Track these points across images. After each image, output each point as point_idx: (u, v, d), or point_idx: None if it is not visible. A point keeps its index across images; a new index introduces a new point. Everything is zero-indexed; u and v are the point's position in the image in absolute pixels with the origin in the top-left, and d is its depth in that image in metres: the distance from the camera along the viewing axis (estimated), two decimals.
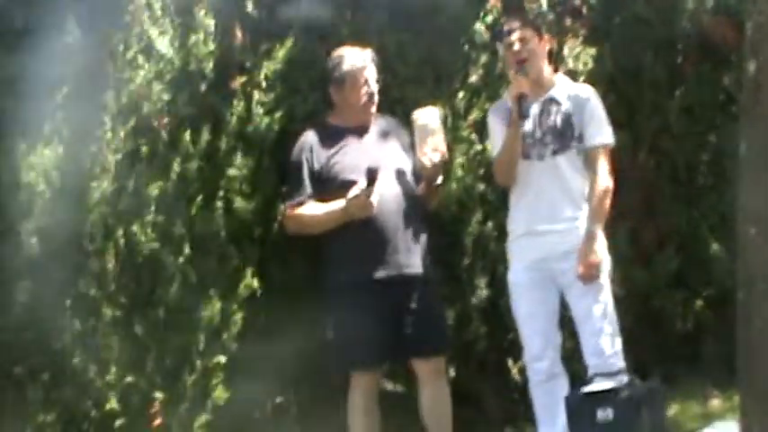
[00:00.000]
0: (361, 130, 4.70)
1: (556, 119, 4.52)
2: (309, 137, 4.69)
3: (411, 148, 4.69)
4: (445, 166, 4.71)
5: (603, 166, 4.48)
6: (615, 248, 4.99)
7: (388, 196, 4.56)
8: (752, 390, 3.10)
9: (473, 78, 5.20)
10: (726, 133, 5.19)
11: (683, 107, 5.45)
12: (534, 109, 4.52)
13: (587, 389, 4.31)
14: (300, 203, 4.61)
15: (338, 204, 4.52)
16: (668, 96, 5.45)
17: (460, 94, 5.16)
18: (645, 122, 5.30)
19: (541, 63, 4.58)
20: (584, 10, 5.40)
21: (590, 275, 4.36)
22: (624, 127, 5.09)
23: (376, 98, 4.68)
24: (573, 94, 4.57)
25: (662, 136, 5.38)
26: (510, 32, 4.57)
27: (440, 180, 4.71)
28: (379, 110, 4.79)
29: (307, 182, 4.62)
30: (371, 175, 4.45)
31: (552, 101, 4.54)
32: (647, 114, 5.33)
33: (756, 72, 3.08)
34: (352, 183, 4.51)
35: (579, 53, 5.30)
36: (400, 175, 4.63)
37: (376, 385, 4.66)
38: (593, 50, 5.33)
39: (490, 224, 5.09)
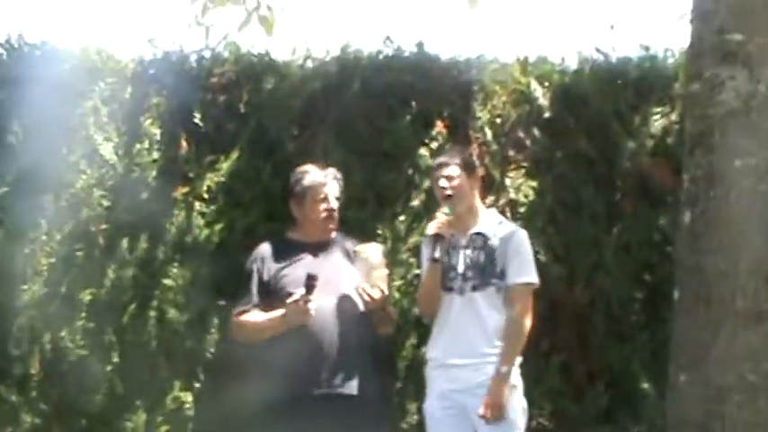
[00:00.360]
0: (319, 246, 4.68)
1: (480, 254, 4.54)
2: (263, 248, 4.67)
3: None
4: (385, 302, 4.63)
5: (523, 305, 4.48)
6: (547, 381, 5.00)
7: (327, 312, 4.53)
8: None
9: (415, 203, 5.20)
10: (660, 272, 5.24)
11: (619, 244, 5.42)
12: (462, 242, 4.55)
13: None
14: (245, 311, 4.57)
15: (278, 312, 4.50)
16: (606, 232, 5.43)
17: (401, 218, 5.17)
18: (582, 257, 5.28)
19: (469, 199, 4.59)
20: (528, 143, 5.43)
21: (492, 416, 4.34)
22: (561, 260, 5.13)
23: (336, 215, 4.68)
24: (500, 230, 4.58)
25: (598, 271, 5.35)
26: (439, 167, 4.63)
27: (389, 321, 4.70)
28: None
29: (254, 291, 4.58)
30: (310, 282, 4.42)
31: (479, 235, 4.56)
32: (584, 249, 5.31)
33: (691, 223, 3.15)
34: None
35: (521, 185, 5.31)
36: (346, 296, 4.59)
37: None
38: (534, 183, 5.34)
39: (424, 350, 5.03)
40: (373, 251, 4.65)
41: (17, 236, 4.59)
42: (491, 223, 4.60)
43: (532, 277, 4.53)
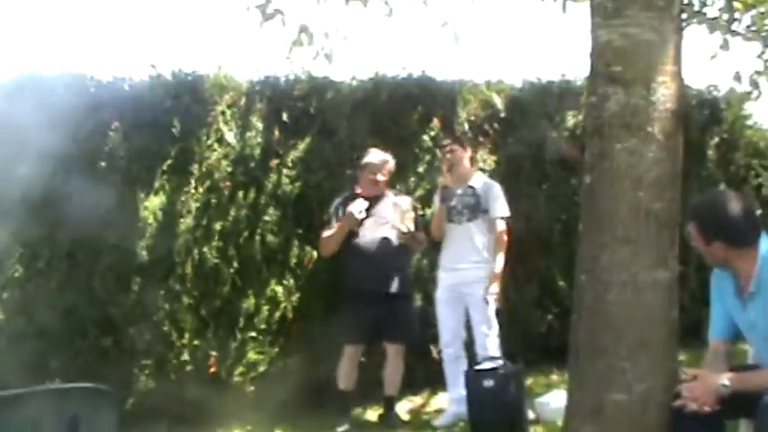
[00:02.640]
0: (375, 198, 4.58)
1: (471, 199, 4.54)
2: (338, 199, 4.62)
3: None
4: (414, 232, 4.52)
5: (502, 230, 4.49)
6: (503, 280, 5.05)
7: (378, 236, 4.46)
8: (576, 372, 3.01)
9: (420, 169, 5.21)
10: (574, 215, 5.20)
11: (547, 197, 5.44)
12: (458, 192, 4.57)
13: (477, 367, 4.32)
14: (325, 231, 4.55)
15: (340, 224, 4.48)
16: (538, 188, 5.46)
17: (411, 179, 5.17)
18: (521, 206, 5.09)
19: (464, 164, 4.62)
20: (491, 132, 5.42)
21: (492, 297, 4.41)
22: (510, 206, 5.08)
23: (380, 180, 4.57)
24: (483, 183, 4.60)
25: (535, 216, 5.32)
26: (444, 146, 4.69)
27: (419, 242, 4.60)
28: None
29: (333, 221, 4.54)
30: (362, 200, 4.43)
31: (470, 188, 4.58)
32: (523, 200, 5.21)
33: (590, 183, 3.12)
34: None
35: (486, 159, 5.34)
36: (389, 227, 4.51)
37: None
38: (494, 157, 5.37)
39: (425, 261, 5.04)
40: (404, 202, 4.64)
41: None
42: (478, 180, 4.64)
43: (506, 211, 4.56)
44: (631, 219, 2.90)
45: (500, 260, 4.46)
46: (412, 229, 4.52)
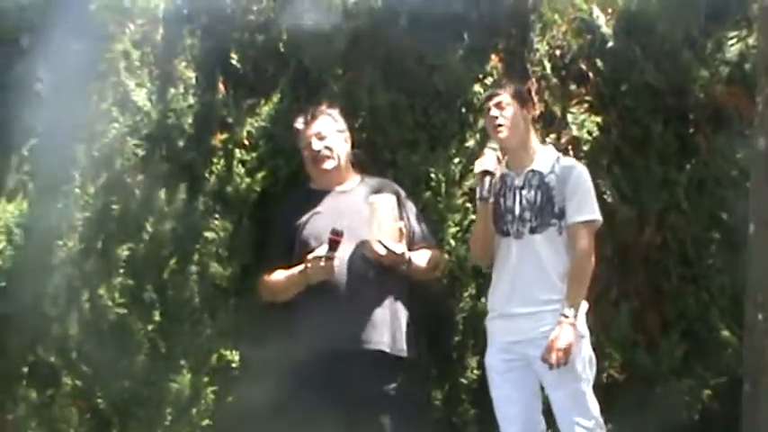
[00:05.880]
0: (339, 192, 4.75)
1: (536, 194, 4.54)
2: (286, 202, 4.77)
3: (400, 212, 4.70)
4: (399, 257, 4.63)
5: (585, 245, 4.47)
6: (617, 330, 4.99)
7: (353, 264, 4.58)
8: None
9: (470, 143, 5.21)
10: (738, 211, 5.20)
11: (692, 182, 5.40)
12: (516, 182, 4.56)
13: None
14: (271, 270, 4.65)
15: (298, 268, 4.57)
16: (678, 169, 5.40)
17: (456, 160, 5.18)
18: (652, 197, 5.24)
19: (522, 132, 4.59)
20: (591, 75, 5.41)
21: (556, 361, 4.31)
22: (629, 201, 5.12)
23: (326, 155, 4.70)
24: (557, 166, 4.58)
25: (670, 212, 5.32)
26: (489, 97, 4.64)
27: (414, 263, 4.67)
28: (370, 171, 4.85)
29: (278, 248, 4.67)
30: (334, 238, 4.48)
31: (535, 173, 4.56)
32: (654, 188, 5.29)
33: (766, 150, 3.12)
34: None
35: (584, 121, 5.31)
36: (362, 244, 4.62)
37: None
38: (598, 118, 5.34)
39: (484, 300, 4.99)
40: (382, 203, 4.63)
41: (49, 189, 4.63)
42: (548, 160, 4.60)
43: (594, 215, 4.51)
44: None
45: (575, 295, 4.45)
46: (394, 249, 4.58)
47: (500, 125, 4.54)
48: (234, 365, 4.79)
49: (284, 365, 4.63)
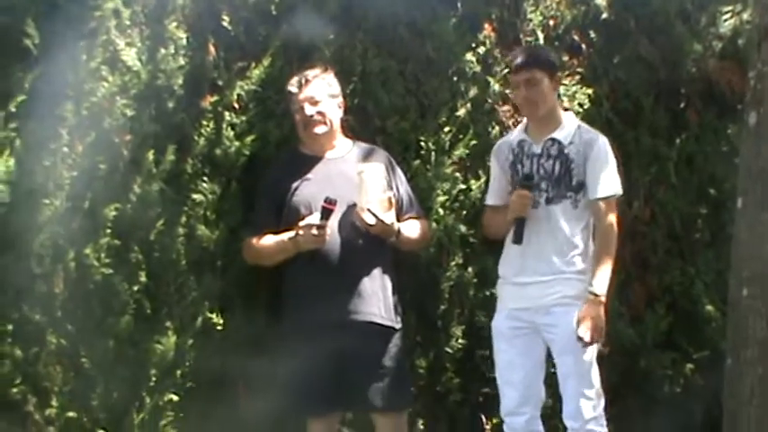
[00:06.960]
0: (330, 159, 4.72)
1: (555, 164, 4.53)
2: (276, 165, 4.74)
3: (390, 181, 4.69)
4: (388, 227, 4.59)
5: (610, 221, 4.48)
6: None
7: (343, 231, 4.56)
8: None
9: (460, 112, 5.22)
10: (727, 186, 5.22)
11: (683, 156, 5.46)
12: (535, 149, 4.55)
13: None
14: (258, 234, 4.63)
15: (288, 235, 4.54)
16: (668, 144, 5.46)
17: (446, 129, 5.18)
18: (641, 171, 5.30)
19: (550, 103, 4.56)
20: (584, 46, 5.44)
21: (593, 339, 4.34)
22: (619, 174, 5.11)
23: (320, 119, 4.65)
24: (578, 136, 4.56)
25: (659, 186, 5.38)
26: (518, 70, 4.57)
27: (404, 234, 4.65)
28: (360, 137, 4.83)
29: (266, 211, 4.65)
30: (327, 206, 4.45)
31: (554, 143, 4.54)
32: (644, 162, 5.34)
33: (756, 125, 3.13)
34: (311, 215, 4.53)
35: (575, 92, 5.34)
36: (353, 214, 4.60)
37: None
38: (590, 90, 5.37)
39: (471, 269, 5.10)
40: (371, 173, 4.58)
41: (37, 147, 4.59)
42: (568, 128, 4.58)
43: (616, 188, 4.53)
44: None
45: (604, 271, 4.42)
46: (384, 219, 4.54)
47: (535, 104, 4.51)
48: (219, 328, 4.79)
49: (271, 332, 4.69)
